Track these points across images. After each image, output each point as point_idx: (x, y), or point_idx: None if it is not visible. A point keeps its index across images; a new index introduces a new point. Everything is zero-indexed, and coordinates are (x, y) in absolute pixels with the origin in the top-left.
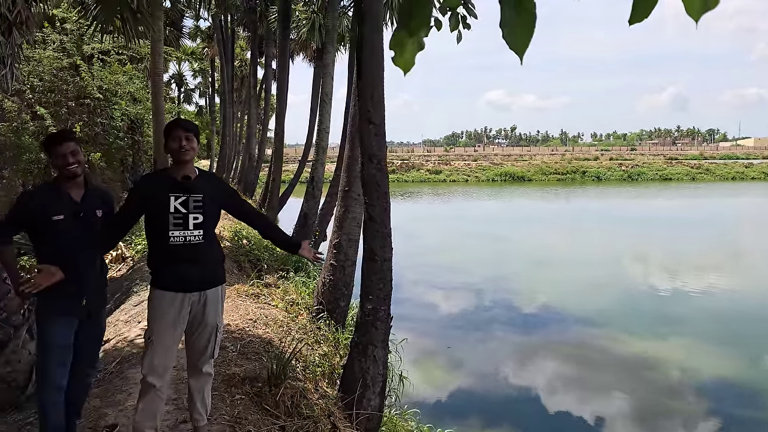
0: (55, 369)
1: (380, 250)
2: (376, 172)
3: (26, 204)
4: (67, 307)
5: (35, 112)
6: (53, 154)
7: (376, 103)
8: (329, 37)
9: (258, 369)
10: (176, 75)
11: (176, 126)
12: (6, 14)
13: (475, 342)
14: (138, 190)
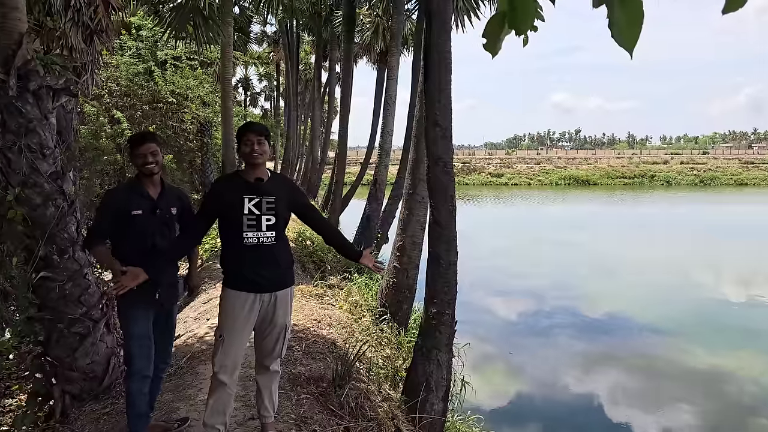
0: (140, 359)
1: (445, 253)
2: (442, 175)
3: (109, 201)
4: (143, 300)
5: (112, 115)
6: (135, 153)
7: (443, 106)
8: (394, 41)
9: (323, 369)
10: (243, 79)
11: (248, 130)
12: (88, 22)
13: (535, 348)
14: (213, 192)
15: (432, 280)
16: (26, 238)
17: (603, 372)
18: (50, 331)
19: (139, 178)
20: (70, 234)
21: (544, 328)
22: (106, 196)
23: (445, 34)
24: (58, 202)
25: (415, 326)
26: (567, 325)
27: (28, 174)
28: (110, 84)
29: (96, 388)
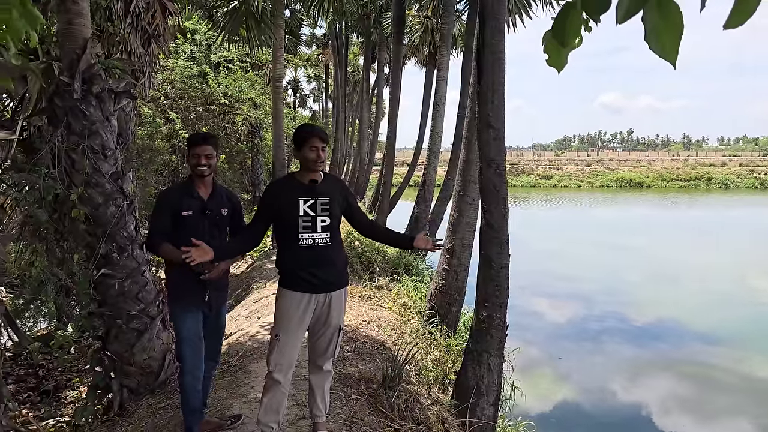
0: (191, 358)
1: (497, 256)
2: (494, 177)
3: (163, 201)
4: (192, 301)
5: (167, 117)
6: (191, 153)
7: (496, 108)
8: (444, 41)
9: (372, 370)
10: (292, 81)
11: (314, 136)
12: (146, 27)
13: (583, 353)
14: (269, 195)
15: (483, 283)
16: (88, 236)
17: (654, 380)
18: (109, 326)
19: (191, 179)
20: (129, 232)
21: (592, 333)
22: (160, 197)
23: (499, 34)
24: (119, 202)
25: (464, 329)
26: (616, 330)
27: (90, 174)
28: (166, 86)
29: (152, 382)
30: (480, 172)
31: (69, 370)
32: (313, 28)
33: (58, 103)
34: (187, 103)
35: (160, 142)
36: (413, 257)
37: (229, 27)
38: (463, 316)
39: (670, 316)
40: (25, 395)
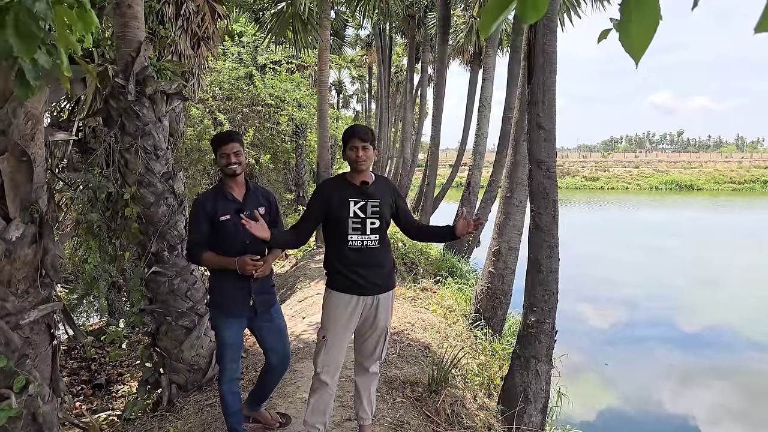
0: (230, 364)
1: (546, 260)
2: (544, 180)
3: (199, 209)
4: (234, 308)
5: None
6: (218, 153)
7: (546, 108)
8: (490, 41)
9: (418, 373)
10: (336, 82)
11: (353, 135)
12: (196, 30)
13: (629, 360)
14: (319, 194)
15: (531, 287)
16: (140, 235)
17: (701, 388)
18: (159, 323)
19: (223, 182)
20: (179, 231)
21: (638, 339)
22: (195, 206)
23: (550, 34)
24: (170, 201)
25: (510, 333)
26: (662, 336)
27: (143, 174)
28: (213, 88)
29: (200, 379)
30: (529, 173)
31: (120, 364)
32: (357, 29)
33: (113, 105)
34: (234, 105)
35: (207, 142)
36: (457, 259)
37: (275, 29)
38: (509, 320)
39: (721, 322)
40: (78, 388)
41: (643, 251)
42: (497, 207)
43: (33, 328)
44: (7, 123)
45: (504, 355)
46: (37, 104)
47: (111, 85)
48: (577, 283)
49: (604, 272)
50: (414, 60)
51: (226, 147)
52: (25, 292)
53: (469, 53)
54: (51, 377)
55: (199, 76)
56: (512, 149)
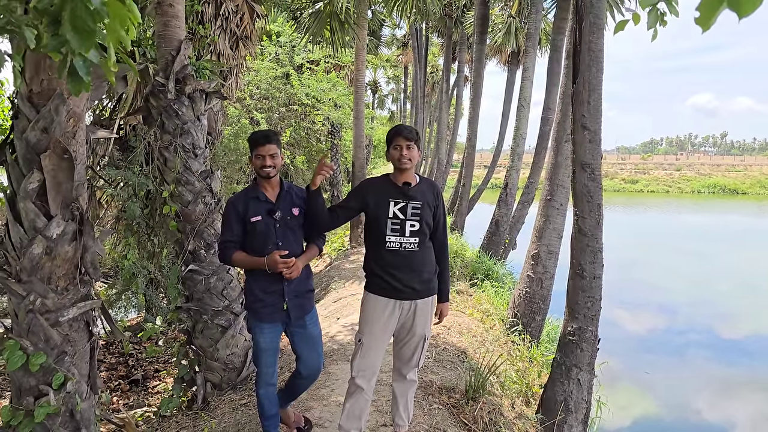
0: (266, 369)
1: (590, 266)
2: (588, 182)
3: (230, 210)
4: (266, 313)
5: (252, 117)
6: (254, 154)
7: (592, 108)
8: (530, 40)
9: (454, 379)
10: (371, 82)
11: (398, 134)
12: (235, 29)
13: (670, 368)
14: (360, 189)
15: (574, 293)
16: (177, 233)
17: (745, 398)
18: (195, 321)
19: (256, 182)
20: (216, 230)
21: (679, 346)
22: (227, 207)
23: (597, 31)
24: (207, 200)
25: (548, 339)
26: (704, 344)
27: (181, 172)
28: (251, 87)
29: (234, 378)
30: (573, 176)
31: (156, 360)
32: (394, 29)
33: (153, 103)
34: (270, 104)
35: (244, 141)
36: (493, 261)
37: (313, 28)
38: (547, 325)
39: (764, 330)
40: (115, 383)
41: (685, 256)
42: (536, 210)
43: (72, 326)
44: (50, 120)
45: (542, 362)
46: (79, 102)
47: (151, 83)
48: (616, 288)
49: (644, 277)
50: (450, 60)
51: (262, 148)
52: (65, 290)
53: (507, 53)
54: (89, 374)
55: (237, 76)
56: (553, 150)
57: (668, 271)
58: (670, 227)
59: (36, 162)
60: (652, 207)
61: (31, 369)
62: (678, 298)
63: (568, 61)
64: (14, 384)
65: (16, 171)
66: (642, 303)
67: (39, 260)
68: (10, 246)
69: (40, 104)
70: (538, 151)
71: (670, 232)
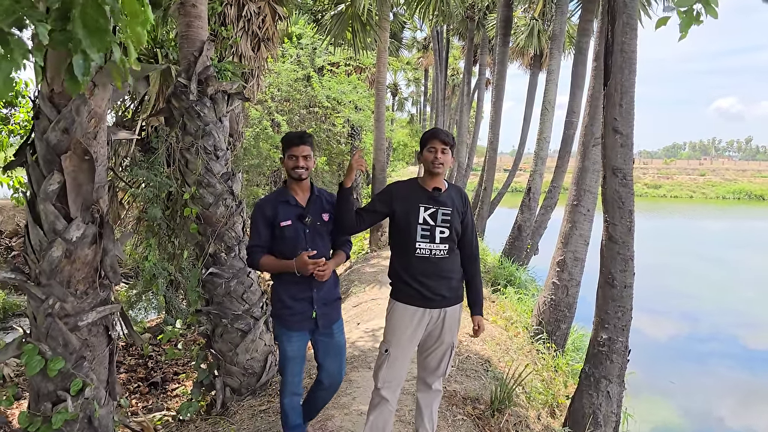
0: (291, 378)
1: (620, 274)
2: (620, 188)
3: (259, 214)
4: (297, 321)
5: (273, 119)
6: (287, 155)
7: (624, 111)
8: (555, 42)
9: (478, 389)
10: (391, 84)
11: (434, 137)
12: (257, 31)
13: (690, 376)
14: (388, 192)
15: (603, 302)
16: (198, 236)
17: None
18: (215, 325)
19: (286, 185)
20: (237, 233)
21: (701, 355)
22: (255, 210)
23: (631, 32)
24: (228, 202)
25: (573, 348)
26: (727, 353)
27: (202, 174)
28: (272, 89)
29: (254, 384)
30: (603, 181)
31: (176, 363)
32: (415, 32)
33: (175, 104)
34: (291, 106)
35: (264, 143)
36: (515, 267)
37: (335, 30)
38: (572, 334)
39: None
40: (135, 385)
41: (710, 262)
42: (562, 215)
43: (91, 330)
44: (71, 121)
45: (568, 372)
46: (101, 102)
47: (173, 84)
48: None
49: (668, 283)
50: (471, 62)
51: (296, 149)
52: (84, 293)
53: (530, 55)
54: (107, 380)
55: (258, 77)
56: (580, 154)
57: (693, 278)
58: (694, 233)
59: (56, 163)
60: (676, 212)
61: (49, 374)
62: (702, 305)
63: (597, 63)
64: (32, 389)
65: (36, 172)
66: (664, 310)
67: (58, 263)
68: (29, 248)
69: (61, 104)
70: (562, 155)
71: (694, 238)
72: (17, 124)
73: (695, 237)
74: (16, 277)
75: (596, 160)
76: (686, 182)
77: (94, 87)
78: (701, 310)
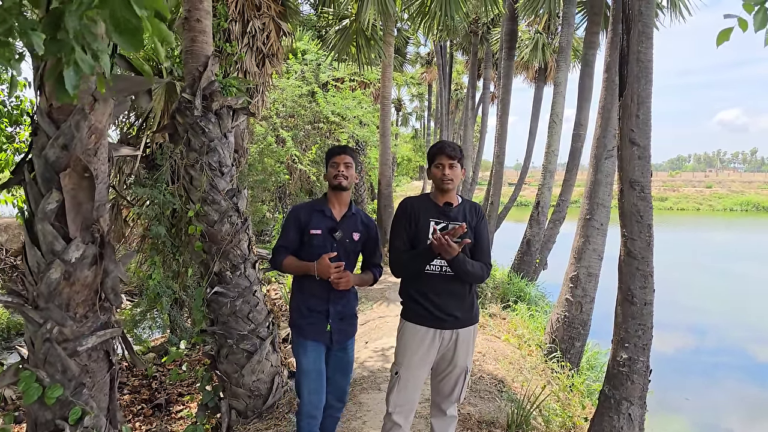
0: (308, 396)
1: (640, 291)
2: (638, 201)
3: (292, 217)
4: (313, 331)
5: (278, 135)
6: (329, 163)
7: (641, 122)
8: (563, 55)
9: (493, 411)
10: (395, 99)
11: (441, 152)
12: (261, 47)
13: (699, 390)
14: (405, 210)
15: (623, 320)
16: (203, 254)
17: None
18: (220, 345)
19: (326, 196)
20: (242, 250)
21: (710, 368)
22: (289, 214)
23: (647, 41)
24: (233, 219)
25: (587, 366)
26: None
27: (207, 191)
28: (277, 105)
29: (260, 406)
30: (620, 194)
31: (181, 383)
32: (418, 47)
33: (180, 120)
34: (296, 122)
35: (269, 159)
36: (525, 283)
37: (339, 45)
38: (586, 351)
39: None
40: (138, 407)
41: (719, 276)
42: (570, 229)
43: (91, 355)
44: (70, 137)
45: (583, 392)
46: (101, 117)
47: (178, 100)
48: None
49: (677, 297)
50: (475, 77)
51: (338, 157)
52: (84, 317)
53: (534, 69)
54: (108, 407)
55: (263, 93)
56: (592, 168)
57: (703, 291)
58: (702, 245)
59: (55, 181)
60: (683, 225)
61: (47, 402)
62: (711, 319)
63: (608, 74)
64: (30, 418)
65: (34, 191)
66: (672, 323)
67: (57, 285)
68: (27, 270)
69: (60, 120)
70: (570, 168)
71: (703, 251)
72: (22, 143)
73: (704, 250)
74: (13, 300)
75: (609, 172)
76: (692, 194)
77: (95, 101)
78: (711, 324)
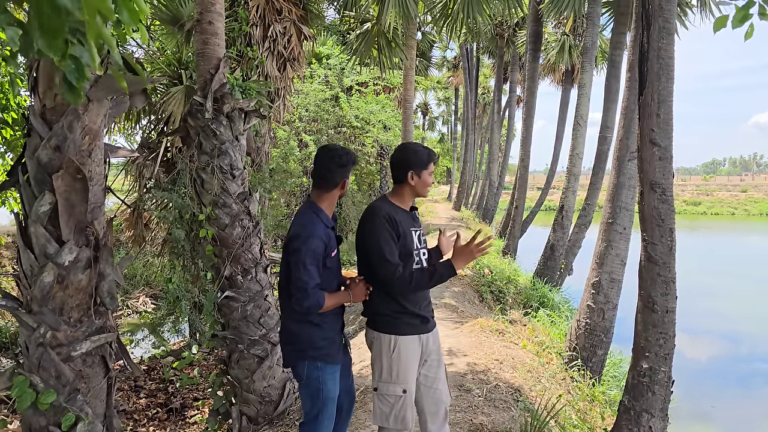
0: (327, 422)
1: (661, 298)
2: (659, 204)
3: (313, 247)
4: (337, 351)
5: (301, 139)
6: None
7: (662, 122)
8: (587, 56)
9: (508, 422)
10: (422, 104)
11: (434, 160)
12: (282, 51)
13: (729, 398)
14: (392, 221)
15: (643, 328)
16: (214, 258)
17: None
18: (232, 350)
19: (311, 197)
20: (254, 254)
21: (742, 377)
22: (309, 242)
23: (667, 36)
24: (245, 223)
25: (610, 375)
26: None
27: (218, 194)
28: (300, 110)
29: (271, 412)
30: (640, 197)
31: (196, 388)
32: (444, 51)
33: (191, 123)
34: (319, 126)
35: (293, 164)
36: (548, 288)
37: (361, 49)
38: (609, 359)
39: None
40: (154, 411)
41: (754, 283)
42: (596, 234)
43: (86, 361)
44: (63, 138)
45: (604, 402)
46: (96, 118)
47: (190, 103)
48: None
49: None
50: (502, 80)
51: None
52: (78, 321)
53: (561, 72)
54: (105, 414)
55: (284, 98)
56: (615, 170)
57: (736, 299)
58: (736, 251)
59: (48, 183)
60: (718, 230)
61: (40, 408)
62: (744, 326)
63: (630, 73)
64: (24, 424)
65: (28, 193)
66: (704, 331)
67: (50, 289)
68: (21, 274)
69: (53, 120)
70: (596, 171)
71: (737, 257)
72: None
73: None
74: (8, 303)
75: (632, 175)
76: (727, 199)
77: (89, 102)
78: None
